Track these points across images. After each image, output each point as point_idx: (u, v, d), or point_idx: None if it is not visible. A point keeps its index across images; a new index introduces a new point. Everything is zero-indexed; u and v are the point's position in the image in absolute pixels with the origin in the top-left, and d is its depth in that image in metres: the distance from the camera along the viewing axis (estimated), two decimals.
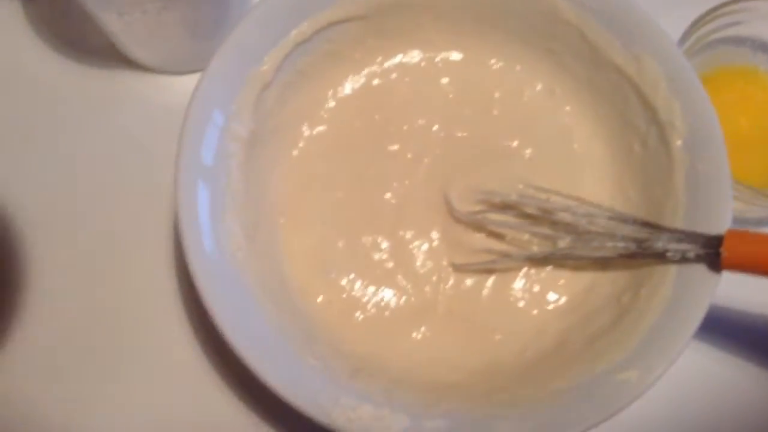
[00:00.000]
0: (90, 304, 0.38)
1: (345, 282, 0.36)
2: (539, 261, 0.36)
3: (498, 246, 0.36)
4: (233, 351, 0.30)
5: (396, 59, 0.39)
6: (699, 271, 0.32)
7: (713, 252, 0.31)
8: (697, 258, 0.32)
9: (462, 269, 0.36)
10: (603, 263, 0.35)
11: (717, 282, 0.31)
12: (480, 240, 0.37)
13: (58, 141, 0.40)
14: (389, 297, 0.36)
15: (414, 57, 0.39)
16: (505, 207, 0.36)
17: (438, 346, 0.35)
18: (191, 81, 0.33)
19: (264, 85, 0.35)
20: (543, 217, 0.36)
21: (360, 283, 0.36)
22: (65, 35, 0.42)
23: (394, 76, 0.39)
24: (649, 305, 0.32)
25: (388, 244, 0.36)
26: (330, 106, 0.39)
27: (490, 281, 0.36)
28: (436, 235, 0.37)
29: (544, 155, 0.38)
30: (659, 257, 0.32)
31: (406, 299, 0.36)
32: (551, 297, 0.36)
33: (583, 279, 0.36)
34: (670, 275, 0.32)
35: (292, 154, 0.37)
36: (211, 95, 0.33)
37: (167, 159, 0.33)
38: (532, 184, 0.36)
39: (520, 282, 0.36)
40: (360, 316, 0.35)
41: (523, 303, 0.36)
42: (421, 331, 0.35)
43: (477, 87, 0.39)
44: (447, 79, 0.39)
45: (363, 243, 0.36)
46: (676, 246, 0.32)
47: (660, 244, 0.32)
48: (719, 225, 0.32)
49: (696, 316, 0.31)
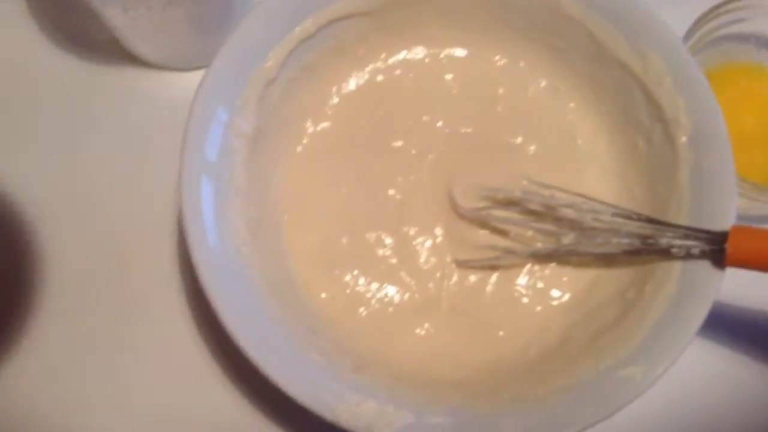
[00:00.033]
0: (93, 299, 0.38)
1: (349, 278, 0.36)
2: (543, 257, 0.36)
3: (502, 242, 0.36)
4: (237, 346, 0.30)
5: (400, 55, 0.39)
6: (703, 268, 0.32)
7: (718, 248, 0.31)
8: (702, 254, 0.31)
9: (465, 266, 0.36)
10: (607, 260, 0.35)
11: (721, 278, 0.31)
12: (484, 236, 0.37)
13: (61, 137, 0.40)
14: (393, 293, 0.36)
15: (418, 53, 0.39)
16: (509, 203, 0.36)
17: (441, 342, 0.35)
18: (195, 77, 0.34)
19: (268, 81, 0.34)
20: (547, 214, 0.36)
21: (364, 280, 0.36)
22: (69, 31, 0.42)
23: (398, 72, 0.39)
24: (654, 302, 0.32)
25: (391, 240, 0.36)
26: (334, 102, 0.39)
27: (493, 278, 0.36)
28: (439, 232, 0.37)
29: (548, 151, 0.38)
30: (663, 254, 0.32)
31: (409, 295, 0.36)
32: (555, 293, 0.36)
33: (587, 275, 0.36)
34: (674, 272, 0.32)
35: (296, 150, 0.37)
36: (216, 91, 0.33)
37: (171, 155, 0.33)
38: (535, 180, 0.36)
39: (523, 278, 0.36)
40: (364, 312, 0.35)
41: (527, 299, 0.36)
42: (425, 328, 0.35)
43: (481, 83, 0.39)
44: (451, 76, 0.39)
45: (367, 239, 0.36)
46: (680, 242, 0.32)
47: (664, 240, 0.32)
48: (724, 222, 0.32)
49: (700, 312, 0.31)
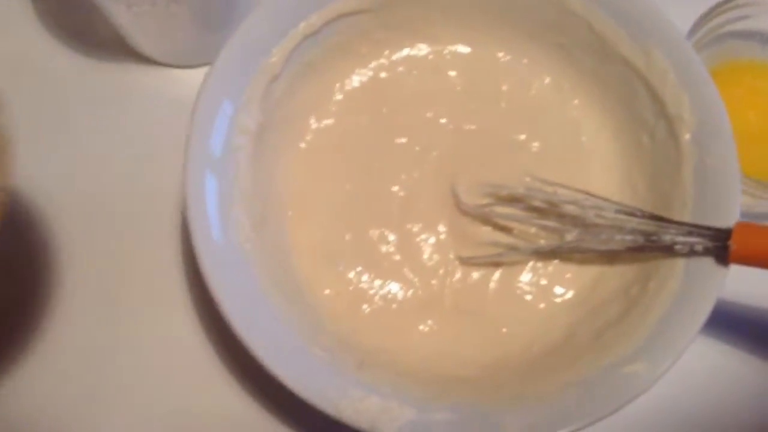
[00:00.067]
0: (96, 296, 0.38)
1: (352, 275, 0.36)
2: (546, 254, 0.36)
3: (505, 239, 0.36)
4: (241, 342, 0.30)
5: (403, 52, 0.39)
6: (707, 265, 0.32)
7: (721, 245, 0.31)
8: (706, 251, 0.31)
9: (469, 262, 0.36)
10: (610, 256, 0.35)
11: (725, 275, 0.31)
12: (487, 233, 0.37)
13: (65, 134, 0.40)
14: (396, 290, 0.36)
15: (422, 50, 0.39)
16: (513, 200, 0.36)
17: (445, 339, 0.35)
18: (199, 74, 0.34)
19: (272, 77, 0.35)
20: (550, 211, 0.36)
21: (367, 276, 0.36)
22: (74, 28, 0.42)
23: (401, 69, 0.39)
24: (657, 298, 0.32)
25: (395, 237, 0.36)
26: (338, 99, 0.39)
27: (497, 275, 0.36)
28: (443, 228, 0.37)
29: (551, 148, 0.38)
30: (667, 250, 0.32)
31: (413, 292, 0.36)
32: (558, 290, 0.36)
33: (591, 272, 0.36)
34: (678, 268, 0.32)
35: (299, 146, 0.38)
36: (220, 87, 0.33)
37: (175, 152, 0.33)
38: (539, 177, 0.36)
39: (527, 275, 0.36)
40: (367, 308, 0.35)
41: (530, 296, 0.36)
42: (428, 324, 0.35)
43: (485, 80, 0.39)
44: (455, 72, 0.39)
45: (370, 236, 0.36)
46: (684, 239, 0.32)
47: (668, 237, 0.32)
48: (727, 218, 0.32)
49: (704, 309, 0.31)
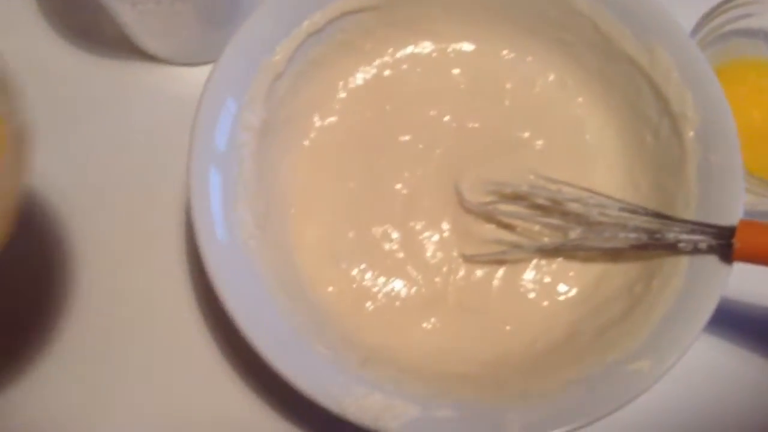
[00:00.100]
0: (100, 294, 0.38)
1: (355, 272, 0.36)
2: (550, 252, 0.36)
3: (508, 237, 0.36)
4: (245, 339, 0.30)
5: (407, 50, 0.39)
6: (711, 263, 0.32)
7: (725, 243, 0.31)
8: (709, 249, 0.31)
9: (472, 260, 0.36)
10: (614, 254, 0.35)
11: (729, 273, 0.31)
12: (490, 231, 0.37)
13: (70, 132, 0.40)
14: (399, 287, 0.36)
15: (425, 48, 0.39)
16: (516, 198, 0.36)
17: (448, 336, 0.35)
18: (203, 72, 0.34)
19: (276, 75, 0.35)
20: (554, 208, 0.36)
21: (370, 274, 0.36)
22: (79, 27, 0.42)
23: (405, 67, 0.39)
24: (661, 296, 0.32)
25: (398, 234, 0.36)
26: (341, 96, 0.39)
27: (500, 272, 0.36)
28: (446, 226, 0.37)
29: (555, 146, 0.38)
30: (671, 248, 0.32)
31: (416, 290, 0.36)
32: (562, 288, 0.36)
33: (594, 270, 0.36)
34: (681, 266, 0.32)
35: (303, 144, 0.38)
36: (225, 84, 0.33)
37: (179, 150, 0.33)
38: (543, 174, 0.36)
39: (530, 273, 0.36)
40: (370, 306, 0.35)
41: (534, 294, 0.36)
42: (431, 322, 0.35)
43: (489, 78, 0.39)
44: (458, 70, 0.39)
45: (373, 233, 0.36)
46: (688, 237, 0.32)
47: (672, 235, 0.32)
48: (731, 216, 0.32)
49: (707, 307, 0.31)
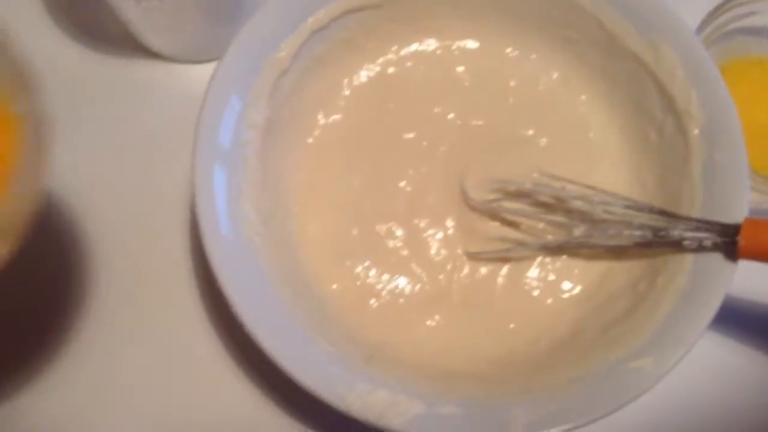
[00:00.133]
0: (105, 290, 0.38)
1: (360, 269, 0.36)
2: (554, 250, 0.36)
3: (513, 234, 0.36)
4: (249, 335, 0.30)
5: (411, 47, 0.39)
6: (715, 260, 0.32)
7: (730, 241, 0.31)
8: (714, 247, 0.31)
9: (476, 258, 0.36)
10: (618, 252, 0.35)
11: (733, 271, 0.31)
12: (495, 228, 0.37)
13: (74, 130, 0.40)
14: (403, 285, 0.36)
15: (430, 45, 0.39)
16: (520, 195, 0.36)
17: (452, 334, 0.35)
18: (208, 70, 0.34)
19: (281, 72, 0.35)
20: (558, 206, 0.36)
21: (374, 271, 0.36)
22: (83, 25, 0.42)
23: (409, 64, 0.39)
24: (665, 294, 0.32)
25: (402, 232, 0.36)
26: (346, 94, 0.39)
27: (504, 270, 0.36)
28: (450, 224, 0.37)
29: (559, 144, 0.38)
30: (675, 246, 0.32)
31: (420, 287, 0.36)
32: (566, 286, 0.36)
33: (598, 268, 0.36)
34: (686, 264, 0.32)
35: (307, 142, 0.38)
36: (229, 81, 0.33)
37: (184, 148, 0.33)
38: (547, 172, 0.36)
39: (534, 271, 0.36)
40: (374, 303, 0.35)
41: (538, 292, 0.36)
42: (435, 320, 0.35)
43: (493, 75, 0.39)
44: (463, 68, 0.39)
45: (378, 231, 0.36)
46: (692, 234, 0.32)
47: (676, 232, 0.32)
48: (736, 214, 0.32)
49: (712, 304, 0.31)
